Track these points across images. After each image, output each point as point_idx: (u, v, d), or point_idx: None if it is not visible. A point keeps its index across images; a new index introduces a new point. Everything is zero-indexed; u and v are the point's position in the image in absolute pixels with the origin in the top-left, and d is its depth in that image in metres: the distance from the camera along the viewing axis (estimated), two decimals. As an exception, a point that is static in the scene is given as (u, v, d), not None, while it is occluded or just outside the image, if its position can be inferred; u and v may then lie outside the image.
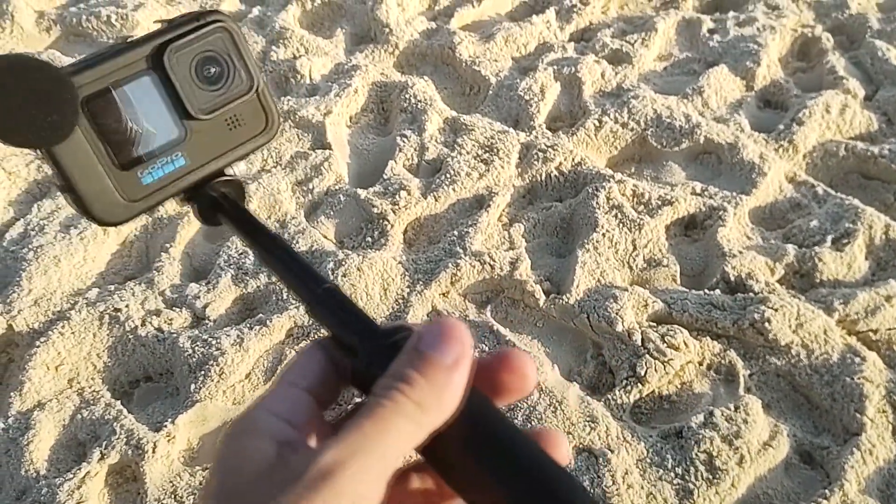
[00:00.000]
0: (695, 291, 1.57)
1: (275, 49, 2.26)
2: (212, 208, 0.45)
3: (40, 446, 1.34)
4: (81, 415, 1.38)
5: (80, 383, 1.45)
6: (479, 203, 1.79)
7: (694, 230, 1.76)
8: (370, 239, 1.72)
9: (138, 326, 1.51)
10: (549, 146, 1.89)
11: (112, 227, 1.71)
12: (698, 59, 2.28)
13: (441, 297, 1.59)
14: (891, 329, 1.50)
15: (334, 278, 1.57)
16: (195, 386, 1.40)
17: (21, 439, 1.34)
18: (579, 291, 1.55)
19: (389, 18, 2.35)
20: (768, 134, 1.97)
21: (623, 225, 1.69)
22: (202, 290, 1.58)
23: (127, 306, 1.54)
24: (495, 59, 2.24)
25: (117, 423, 1.34)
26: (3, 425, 1.36)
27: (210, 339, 1.46)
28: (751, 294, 1.54)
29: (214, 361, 1.42)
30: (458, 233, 1.69)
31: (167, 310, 1.55)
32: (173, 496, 1.28)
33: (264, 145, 0.48)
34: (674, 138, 1.95)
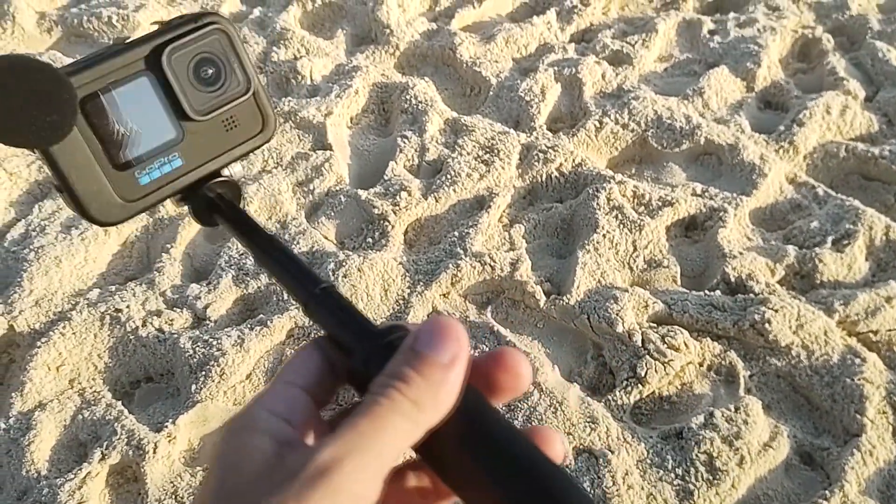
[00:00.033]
0: (695, 292, 1.57)
1: (276, 50, 2.26)
2: (208, 209, 0.45)
3: (41, 446, 1.34)
4: (82, 415, 1.38)
5: (81, 384, 1.46)
6: (480, 204, 1.79)
7: (694, 231, 1.76)
8: (371, 240, 1.72)
9: (139, 327, 1.51)
10: (549, 147, 1.89)
11: (111, 227, 1.72)
12: (699, 60, 2.28)
13: (442, 297, 1.59)
14: (891, 330, 1.50)
15: (335, 279, 1.57)
16: (196, 386, 1.40)
17: (22, 439, 1.34)
18: (580, 292, 1.55)
19: (390, 19, 2.35)
20: (769, 135, 1.97)
21: (623, 226, 1.69)
22: (203, 291, 1.58)
23: (128, 307, 1.55)
24: (496, 59, 2.24)
25: (118, 424, 1.34)
26: (5, 426, 1.37)
27: (211, 340, 1.47)
28: (751, 295, 1.54)
29: (215, 362, 1.42)
30: (459, 234, 1.69)
31: (168, 310, 1.55)
32: (174, 496, 1.28)
33: (260, 147, 0.48)
34: (674, 139, 1.95)
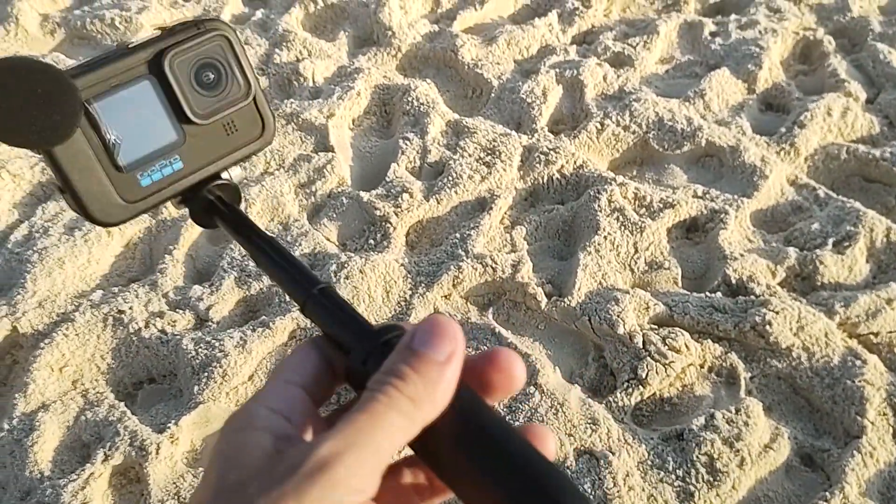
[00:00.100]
0: (696, 294, 1.57)
1: (278, 52, 2.27)
2: (208, 211, 0.46)
3: (44, 447, 1.34)
4: (85, 416, 1.39)
5: (84, 385, 1.46)
6: (482, 206, 1.80)
7: (695, 233, 1.76)
8: (372, 241, 1.73)
9: (142, 328, 1.52)
10: (550, 149, 1.89)
11: (113, 228, 1.72)
12: (700, 62, 2.28)
13: (443, 299, 1.59)
14: (892, 332, 1.50)
15: (337, 281, 1.58)
16: (198, 387, 1.41)
17: (25, 440, 1.34)
18: (581, 294, 1.56)
19: (392, 21, 2.36)
20: (770, 137, 1.97)
21: (625, 228, 1.69)
22: (205, 292, 1.59)
23: (130, 308, 1.55)
24: (497, 61, 2.25)
25: (121, 425, 1.35)
26: (8, 427, 1.37)
27: (213, 341, 1.47)
28: (752, 297, 1.54)
29: (217, 363, 1.43)
30: (461, 235, 1.69)
31: (170, 312, 1.56)
32: (176, 497, 1.28)
33: (259, 151, 0.49)
34: (675, 141, 1.95)
